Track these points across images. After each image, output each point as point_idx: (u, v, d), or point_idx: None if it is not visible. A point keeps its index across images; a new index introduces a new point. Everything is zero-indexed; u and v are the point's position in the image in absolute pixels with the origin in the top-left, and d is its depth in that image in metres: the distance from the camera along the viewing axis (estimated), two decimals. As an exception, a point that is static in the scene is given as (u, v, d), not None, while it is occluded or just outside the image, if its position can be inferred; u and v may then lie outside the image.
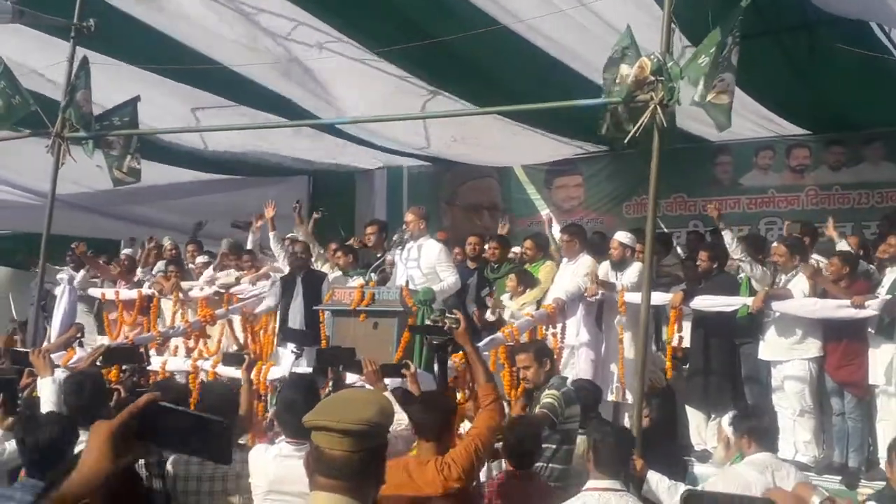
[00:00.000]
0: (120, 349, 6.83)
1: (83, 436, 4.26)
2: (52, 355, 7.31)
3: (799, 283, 7.23)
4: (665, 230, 9.45)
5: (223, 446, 1.83)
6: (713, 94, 5.60)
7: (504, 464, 4.94)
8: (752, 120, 9.85)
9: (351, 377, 5.76)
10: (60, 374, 5.18)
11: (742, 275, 7.72)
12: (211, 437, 1.81)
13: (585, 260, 8.18)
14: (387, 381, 5.47)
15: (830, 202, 10.84)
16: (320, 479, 2.35)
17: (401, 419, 4.41)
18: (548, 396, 5.25)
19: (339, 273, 9.28)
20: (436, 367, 5.65)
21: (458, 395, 6.11)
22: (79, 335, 7.70)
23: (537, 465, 4.90)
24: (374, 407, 2.41)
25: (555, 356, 6.51)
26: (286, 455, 3.92)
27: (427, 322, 6.03)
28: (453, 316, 4.81)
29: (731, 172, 11.52)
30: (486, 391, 4.34)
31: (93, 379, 4.83)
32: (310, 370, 6.11)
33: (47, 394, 4.67)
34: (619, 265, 8.11)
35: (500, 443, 4.66)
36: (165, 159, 10.99)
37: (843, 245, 8.25)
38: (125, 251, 11.45)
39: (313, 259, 9.53)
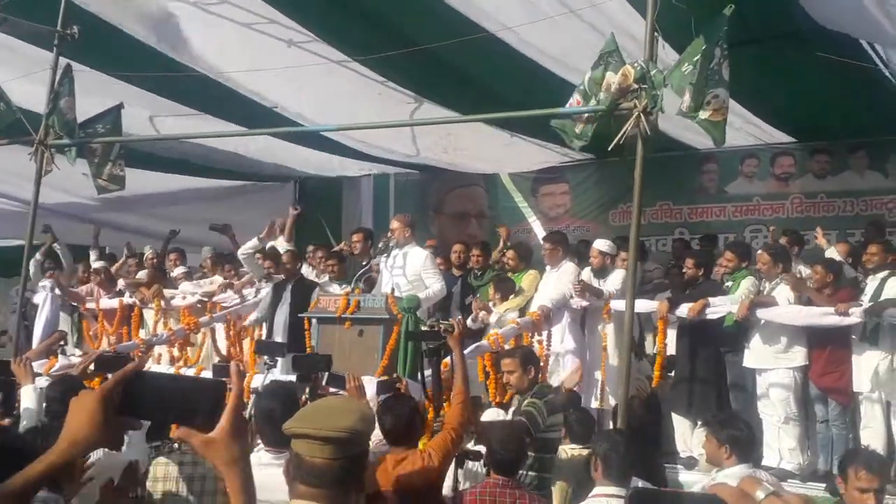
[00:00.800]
0: (112, 357, 6.78)
1: None
2: (33, 363, 7.31)
3: (783, 291, 7.26)
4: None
5: (213, 409, 1.74)
6: (709, 112, 5.61)
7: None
8: (737, 127, 9.86)
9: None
10: (43, 382, 5.14)
11: (729, 283, 7.74)
12: (201, 400, 1.74)
13: (569, 267, 8.19)
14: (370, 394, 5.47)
15: (815, 210, 10.88)
16: (301, 487, 2.34)
17: (379, 433, 4.43)
18: (528, 405, 5.25)
19: (326, 278, 9.25)
20: (428, 372, 5.70)
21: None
22: (61, 343, 7.65)
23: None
24: (355, 414, 2.41)
25: (541, 363, 6.51)
26: (265, 464, 3.87)
27: (423, 327, 6.05)
28: (448, 322, 5.09)
29: (716, 180, 11.55)
30: (458, 391, 4.79)
31: (74, 386, 4.79)
32: (283, 379, 6.08)
33: (28, 401, 4.64)
34: (600, 273, 8.12)
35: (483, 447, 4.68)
36: (148, 165, 10.93)
37: (832, 252, 8.27)
38: (97, 264, 11.37)
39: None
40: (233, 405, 1.81)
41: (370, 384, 5.72)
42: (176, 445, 4.68)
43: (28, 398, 4.73)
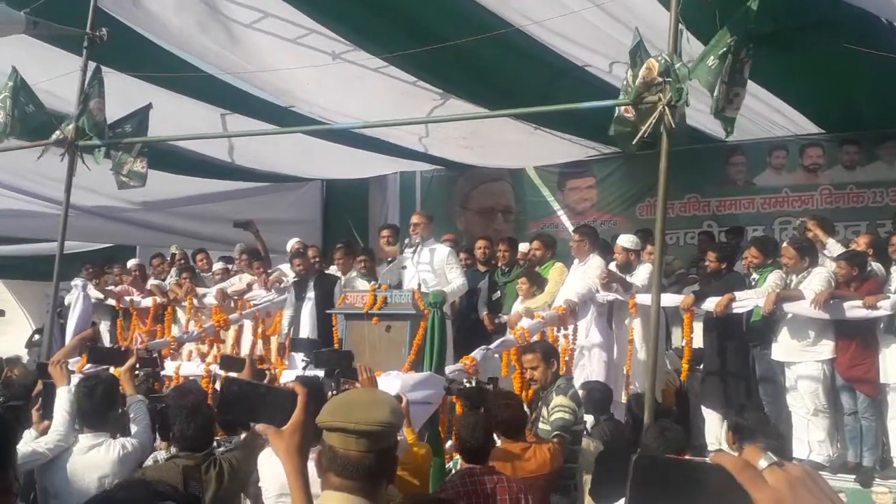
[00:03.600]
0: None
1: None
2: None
3: (810, 284, 7.20)
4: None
5: (288, 412, 2.13)
6: (731, 110, 5.62)
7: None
8: (766, 118, 9.82)
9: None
10: (75, 379, 5.22)
11: (755, 276, 7.71)
12: (279, 405, 2.14)
13: (595, 261, 8.16)
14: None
15: (844, 201, 10.80)
16: (334, 479, 2.37)
17: None
18: (559, 409, 5.29)
19: (354, 274, 9.31)
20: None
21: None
22: (92, 341, 7.72)
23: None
24: (387, 407, 2.45)
25: (561, 356, 6.54)
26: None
27: (467, 384, 6.19)
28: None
29: (744, 172, 11.48)
30: None
31: (105, 383, 4.89)
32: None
33: (62, 402, 4.73)
34: (625, 269, 8.10)
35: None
36: (173, 167, 11.06)
37: (832, 245, 8.13)
38: (133, 261, 11.57)
39: None
40: (301, 407, 2.13)
41: (397, 379, 5.76)
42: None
43: (62, 399, 4.81)
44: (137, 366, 5.66)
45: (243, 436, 4.56)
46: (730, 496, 1.14)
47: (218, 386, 8.11)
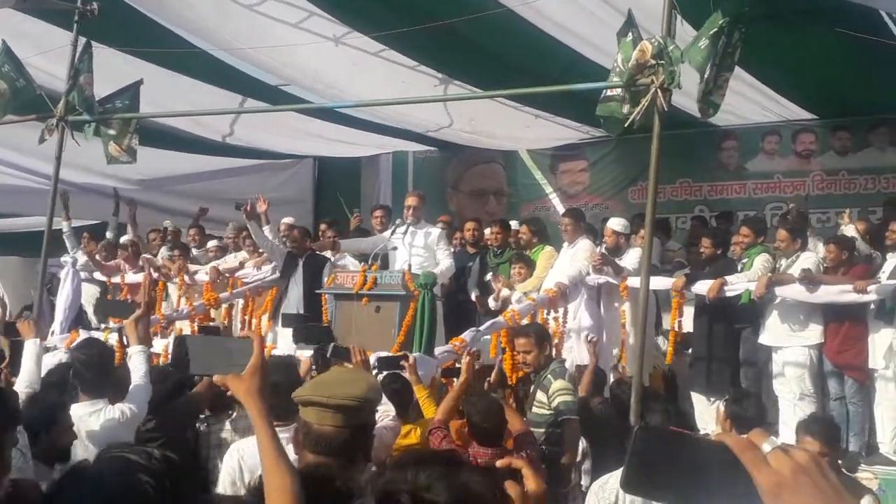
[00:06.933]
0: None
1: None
2: (57, 338, 7.42)
3: (802, 267, 7.21)
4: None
5: (243, 362, 2.16)
6: (718, 95, 5.61)
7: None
8: (759, 104, 9.82)
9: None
10: (62, 355, 5.21)
11: (745, 260, 7.71)
12: (234, 354, 2.18)
13: (584, 244, 8.15)
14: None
15: (836, 187, 10.83)
16: (309, 455, 2.38)
17: (387, 410, 4.43)
18: (563, 394, 5.30)
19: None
20: None
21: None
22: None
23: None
24: (364, 384, 2.45)
25: (553, 339, 6.54)
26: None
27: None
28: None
29: (737, 157, 11.49)
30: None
31: (101, 349, 4.92)
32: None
33: (28, 356, 4.73)
34: (614, 252, 8.09)
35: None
36: (170, 145, 11.01)
37: (849, 230, 8.17)
38: (126, 237, 11.54)
39: None
40: (257, 351, 2.19)
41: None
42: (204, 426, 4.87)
43: (29, 351, 4.79)
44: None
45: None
46: (730, 474, 1.13)
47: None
